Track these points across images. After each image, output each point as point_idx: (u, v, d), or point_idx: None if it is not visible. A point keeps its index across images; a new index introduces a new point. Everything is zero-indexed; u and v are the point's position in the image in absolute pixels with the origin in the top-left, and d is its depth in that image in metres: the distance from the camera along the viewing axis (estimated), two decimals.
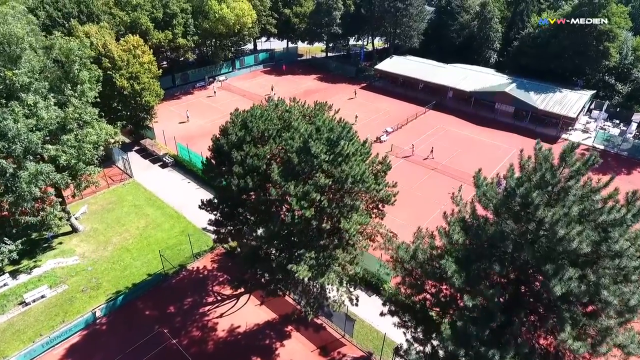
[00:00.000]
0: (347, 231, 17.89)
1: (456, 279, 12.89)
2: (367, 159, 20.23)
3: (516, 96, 49.48)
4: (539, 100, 49.01)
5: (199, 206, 22.48)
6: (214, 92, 57.87)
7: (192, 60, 60.15)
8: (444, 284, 15.95)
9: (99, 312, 24.28)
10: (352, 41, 78.32)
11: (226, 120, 21.10)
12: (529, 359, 12.55)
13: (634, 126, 47.28)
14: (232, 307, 25.32)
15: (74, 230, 30.89)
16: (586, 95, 49.28)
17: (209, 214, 22.29)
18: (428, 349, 16.25)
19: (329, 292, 20.15)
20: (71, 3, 42.93)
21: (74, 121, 26.94)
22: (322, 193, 17.70)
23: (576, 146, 12.88)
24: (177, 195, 35.48)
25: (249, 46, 74.44)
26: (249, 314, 24.69)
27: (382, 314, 18.47)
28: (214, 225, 21.72)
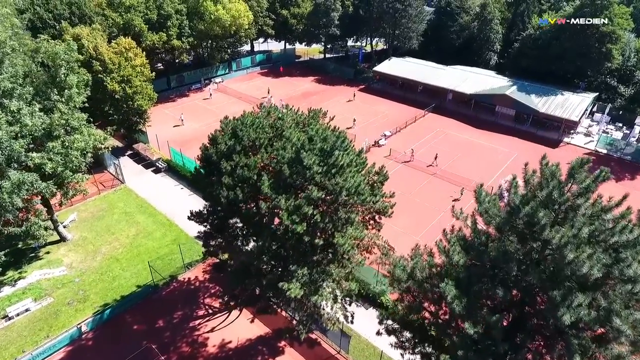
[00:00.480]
0: (342, 246, 16.97)
1: (457, 305, 11.97)
2: (363, 169, 19.32)
3: (517, 99, 48.59)
4: (540, 103, 48.11)
5: (188, 217, 21.58)
6: (210, 94, 56.94)
7: (187, 62, 59.16)
8: (443, 304, 15.08)
9: (85, 327, 23.35)
10: (350, 42, 77.40)
11: (215, 129, 20.15)
12: None
13: (637, 129, 46.41)
14: (223, 320, 24.37)
15: (62, 239, 29.95)
16: (588, 98, 48.38)
17: (199, 225, 21.40)
18: None
19: (323, 309, 19.23)
20: (62, 4, 42.01)
21: (61, 127, 26.02)
22: (315, 207, 16.79)
23: (586, 162, 11.94)
24: (170, 202, 34.54)
25: (246, 47, 73.53)
26: (241, 328, 23.75)
27: (378, 332, 17.59)
28: (203, 238, 20.78)
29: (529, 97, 49.03)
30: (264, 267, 18.00)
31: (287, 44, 73.42)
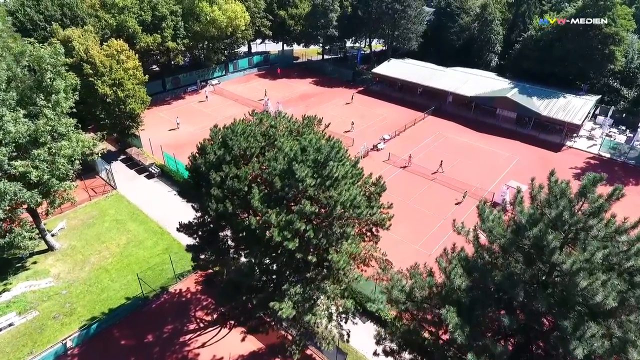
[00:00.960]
0: (337, 263, 16.04)
1: (459, 334, 11.03)
2: (359, 180, 18.39)
3: (518, 102, 47.67)
4: (542, 106, 47.19)
5: (177, 229, 20.66)
6: (206, 96, 55.99)
7: (183, 63, 58.19)
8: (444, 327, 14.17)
9: (70, 343, 22.41)
10: (349, 43, 76.44)
11: (204, 138, 19.22)
12: None
13: None
14: (215, 335, 23.43)
15: (50, 248, 29.00)
16: (591, 100, 47.46)
17: (188, 237, 20.47)
18: None
19: (317, 327, 18.30)
20: (54, 6, 41.07)
21: (47, 134, 25.09)
22: (308, 221, 15.86)
23: (599, 179, 10.99)
24: (162, 209, 33.57)
25: (244, 49, 72.57)
26: (232, 344, 22.78)
27: (375, 353, 16.70)
28: (193, 251, 19.84)
29: (530, 100, 48.12)
30: (255, 284, 17.06)
31: (284, 45, 72.49)
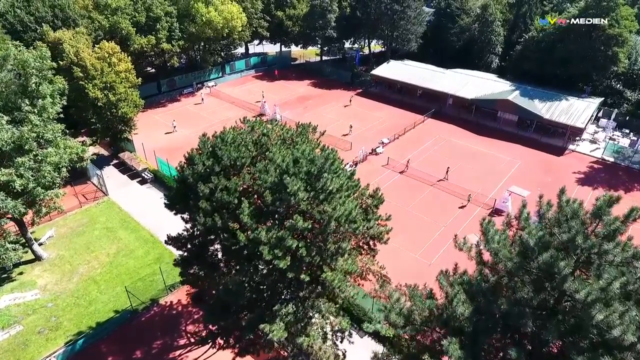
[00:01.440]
0: (331, 282, 15.11)
1: None
2: (356, 192, 17.46)
3: (520, 104, 46.72)
4: (544, 109, 46.25)
5: (166, 242, 19.76)
6: (202, 99, 55.05)
7: (178, 65, 57.18)
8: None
9: (55, 359, 21.48)
10: (347, 44, 75.47)
11: (192, 147, 18.28)
12: None
13: None
14: (206, 351, 22.50)
15: (37, 258, 28.06)
16: (594, 103, 46.53)
17: (176, 250, 19.55)
18: None
19: (312, 347, 17.36)
20: (45, 7, 40.11)
21: (33, 140, 24.15)
22: (301, 238, 14.94)
23: (615, 200, 10.02)
24: (155, 216, 32.57)
25: (241, 50, 71.65)
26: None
27: None
28: (181, 265, 18.91)
29: (532, 103, 47.18)
30: (245, 304, 16.13)
31: (282, 46, 71.55)
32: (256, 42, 70.35)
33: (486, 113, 50.22)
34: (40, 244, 29.23)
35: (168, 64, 55.24)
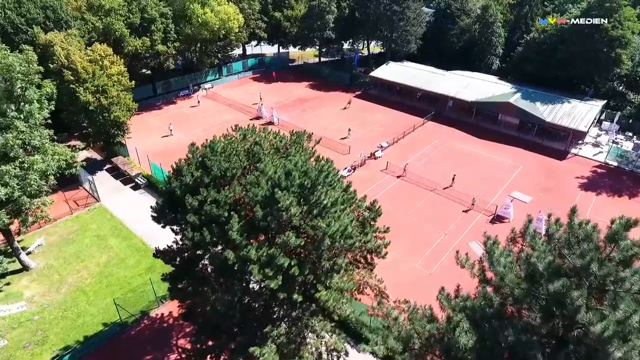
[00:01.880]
0: (326, 302, 14.27)
1: None
2: (352, 205, 16.62)
3: (521, 107, 45.90)
4: (546, 112, 45.42)
5: (154, 255, 18.92)
6: (198, 101, 54.19)
7: (174, 67, 56.26)
8: None
9: None
10: (346, 45, 74.67)
11: (180, 158, 17.43)
12: None
13: None
14: None
15: (25, 268, 27.19)
16: (597, 106, 45.71)
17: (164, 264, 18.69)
18: None
19: None
20: (36, 8, 39.19)
21: (18, 147, 23.30)
22: (294, 255, 14.09)
23: (632, 223, 9.18)
24: (147, 223, 30.90)
25: (238, 51, 70.79)
26: None
27: None
28: (169, 280, 18.04)
29: (534, 106, 46.35)
30: (234, 324, 15.28)
31: (280, 47, 70.71)
32: (254, 43, 69.46)
33: (487, 116, 49.43)
34: (29, 253, 28.38)
35: (164, 66, 54.28)
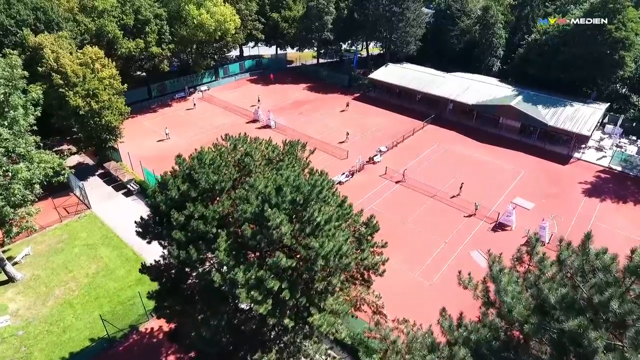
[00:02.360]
0: (319, 328, 13.35)
1: None
2: (348, 220, 15.71)
3: (523, 111, 44.96)
4: (548, 115, 44.52)
5: (140, 270, 17.99)
6: (194, 104, 53.23)
7: (169, 69, 55.17)
8: None
9: None
10: (345, 46, 73.75)
11: (165, 171, 16.50)
12: None
13: None
14: None
15: (10, 279, 26.24)
16: (600, 109, 44.82)
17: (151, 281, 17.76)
18: None
19: None
20: (26, 9, 38.25)
21: (2, 155, 22.40)
22: (284, 277, 13.17)
23: None
24: None
25: (235, 53, 69.88)
26: None
27: None
28: (155, 298, 17.11)
29: (536, 109, 45.44)
30: (222, 347, 14.36)
31: (278, 48, 69.80)
32: (251, 44, 68.57)
33: (488, 119, 48.52)
34: (15, 263, 27.44)
35: (160, 67, 53.26)
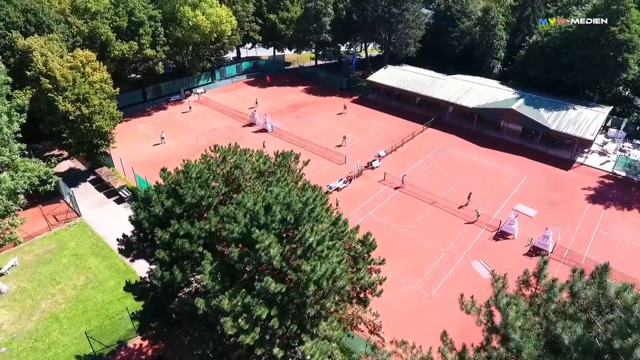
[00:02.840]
0: (311, 358, 12.44)
1: None
2: (343, 237, 14.79)
3: (525, 114, 44.03)
4: (550, 119, 43.61)
5: (124, 288, 17.11)
6: (189, 107, 52.28)
7: (166, 71, 54.37)
8: None
9: None
10: (343, 48, 72.84)
11: (149, 187, 15.58)
12: None
13: None
14: None
15: None
16: (604, 113, 43.92)
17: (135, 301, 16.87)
18: None
19: None
20: (16, 11, 37.32)
21: None
22: (273, 303, 12.26)
23: None
24: None
25: (232, 54, 68.99)
26: None
27: None
28: (139, 319, 16.22)
29: (537, 112, 44.53)
30: None
31: (276, 50, 68.88)
32: (249, 45, 67.64)
33: (489, 122, 47.62)
34: (1, 275, 26.51)
35: (155, 70, 52.34)
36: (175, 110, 52.52)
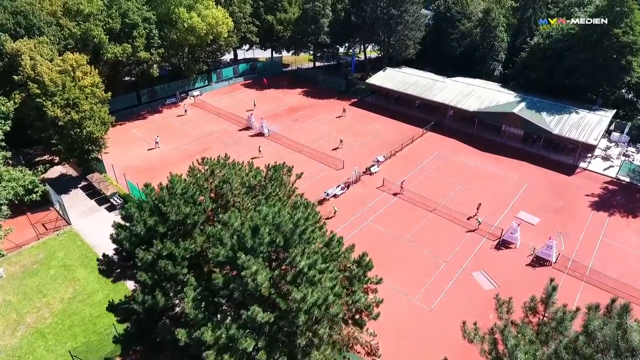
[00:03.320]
0: None
1: None
2: (337, 258, 13.90)
3: (527, 118, 43.13)
4: (552, 123, 42.71)
5: (107, 308, 16.19)
6: (185, 110, 51.35)
7: (161, 73, 53.48)
8: None
9: None
10: (342, 50, 71.91)
11: (130, 204, 14.68)
12: None
13: None
14: None
15: None
16: (607, 117, 43.03)
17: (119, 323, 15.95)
18: None
19: None
20: (5, 13, 36.43)
21: None
22: (262, 334, 11.36)
23: None
24: None
25: (229, 56, 68.07)
26: None
27: None
28: (122, 342, 15.30)
29: (539, 116, 43.64)
30: None
31: (273, 52, 67.96)
32: (246, 47, 66.69)
33: (489, 126, 46.75)
34: None
35: (150, 72, 51.43)
36: (171, 114, 51.61)
